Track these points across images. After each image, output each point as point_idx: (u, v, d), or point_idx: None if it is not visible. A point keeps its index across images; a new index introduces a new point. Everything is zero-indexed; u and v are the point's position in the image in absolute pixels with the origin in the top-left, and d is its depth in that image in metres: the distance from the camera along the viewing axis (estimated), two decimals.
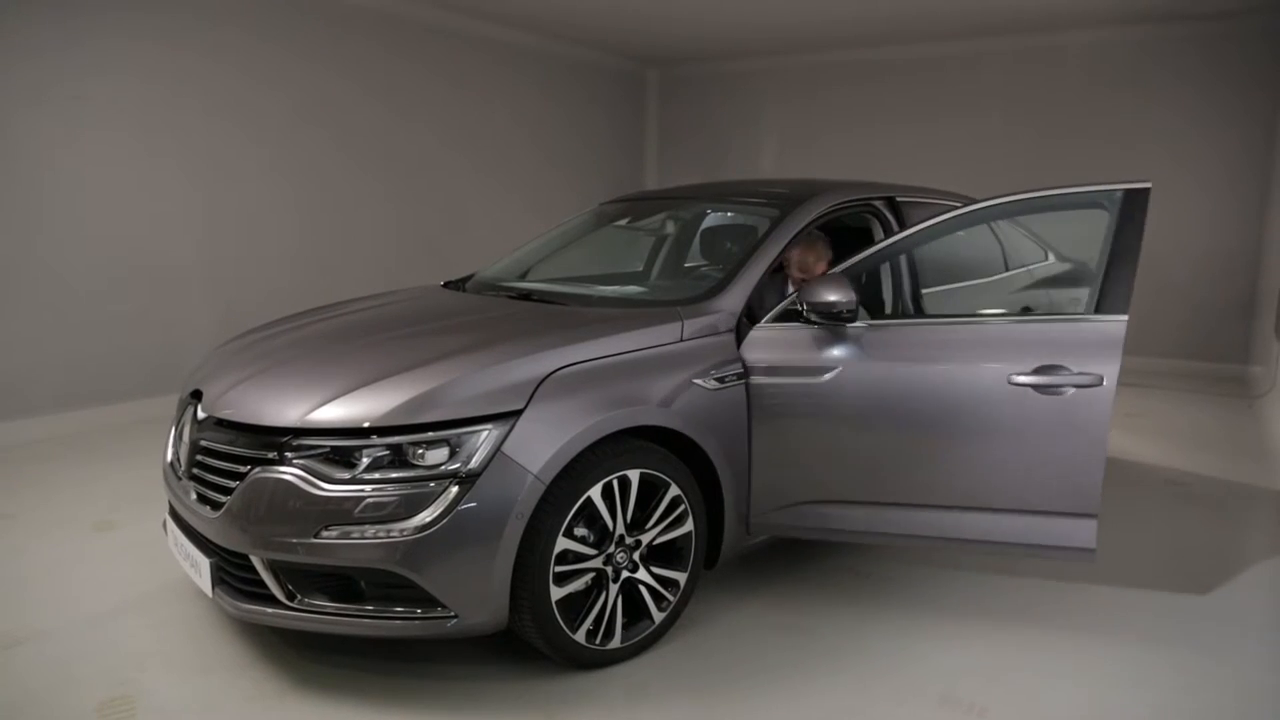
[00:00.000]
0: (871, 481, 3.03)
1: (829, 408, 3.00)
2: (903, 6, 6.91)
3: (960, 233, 4.12)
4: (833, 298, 2.90)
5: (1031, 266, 4.42)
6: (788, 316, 3.06)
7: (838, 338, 3.00)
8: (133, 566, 3.43)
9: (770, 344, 3.02)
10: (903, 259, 3.46)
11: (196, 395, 2.85)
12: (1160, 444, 5.35)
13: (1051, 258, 4.63)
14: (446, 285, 3.95)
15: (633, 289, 3.92)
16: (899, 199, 3.77)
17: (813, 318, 2.99)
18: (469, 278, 4.02)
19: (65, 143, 5.17)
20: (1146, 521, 4.07)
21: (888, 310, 3.45)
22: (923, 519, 3.00)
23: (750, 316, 3.11)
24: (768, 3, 6.91)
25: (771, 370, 2.99)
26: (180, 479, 2.79)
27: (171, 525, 2.91)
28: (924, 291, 3.59)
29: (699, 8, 7.09)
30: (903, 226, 3.69)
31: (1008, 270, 4.23)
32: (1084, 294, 2.94)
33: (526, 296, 3.46)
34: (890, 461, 3.00)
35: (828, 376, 2.98)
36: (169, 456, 2.98)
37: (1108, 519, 4.06)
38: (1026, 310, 4.09)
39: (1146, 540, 3.84)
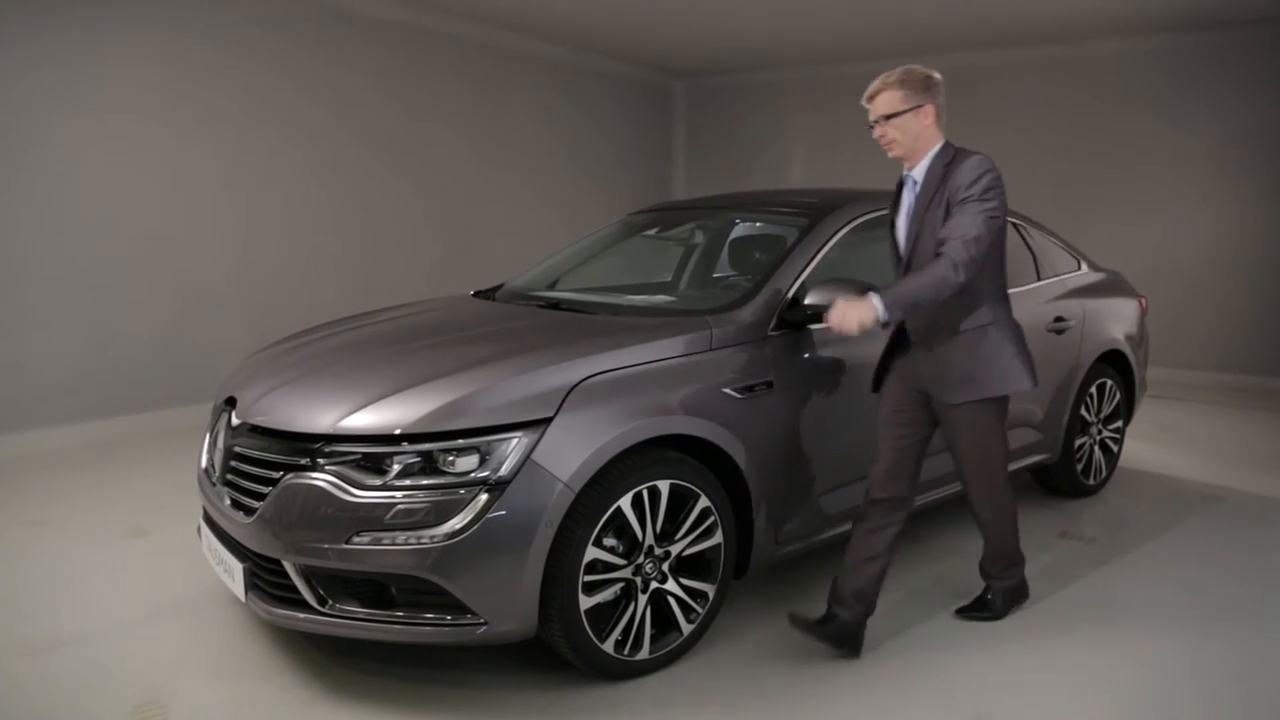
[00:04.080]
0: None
1: (836, 403, 3.14)
2: (931, 16, 6.88)
3: None
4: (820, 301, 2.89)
5: (1064, 275, 4.39)
6: (793, 323, 3.08)
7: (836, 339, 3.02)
8: (166, 572, 3.47)
9: (786, 350, 3.05)
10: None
11: (231, 402, 2.88)
12: (1194, 458, 5.26)
13: (1084, 267, 4.59)
14: (477, 294, 3.97)
15: (662, 298, 3.93)
16: None
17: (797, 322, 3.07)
18: (499, 287, 4.04)
19: (98, 150, 5.26)
20: (1183, 537, 4.00)
21: None
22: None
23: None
24: (793, 15, 6.91)
25: (789, 374, 3.02)
26: (214, 485, 2.82)
27: (205, 530, 2.94)
28: None
29: (725, 20, 7.10)
30: None
31: (1040, 279, 4.21)
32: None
33: (556, 306, 3.47)
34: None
35: (829, 375, 3.13)
36: (203, 462, 3.01)
37: (1141, 533, 4.01)
38: (1059, 320, 4.10)
39: (1184, 557, 3.77)
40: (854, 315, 2.55)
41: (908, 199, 2.90)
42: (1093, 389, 4.36)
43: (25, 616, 3.10)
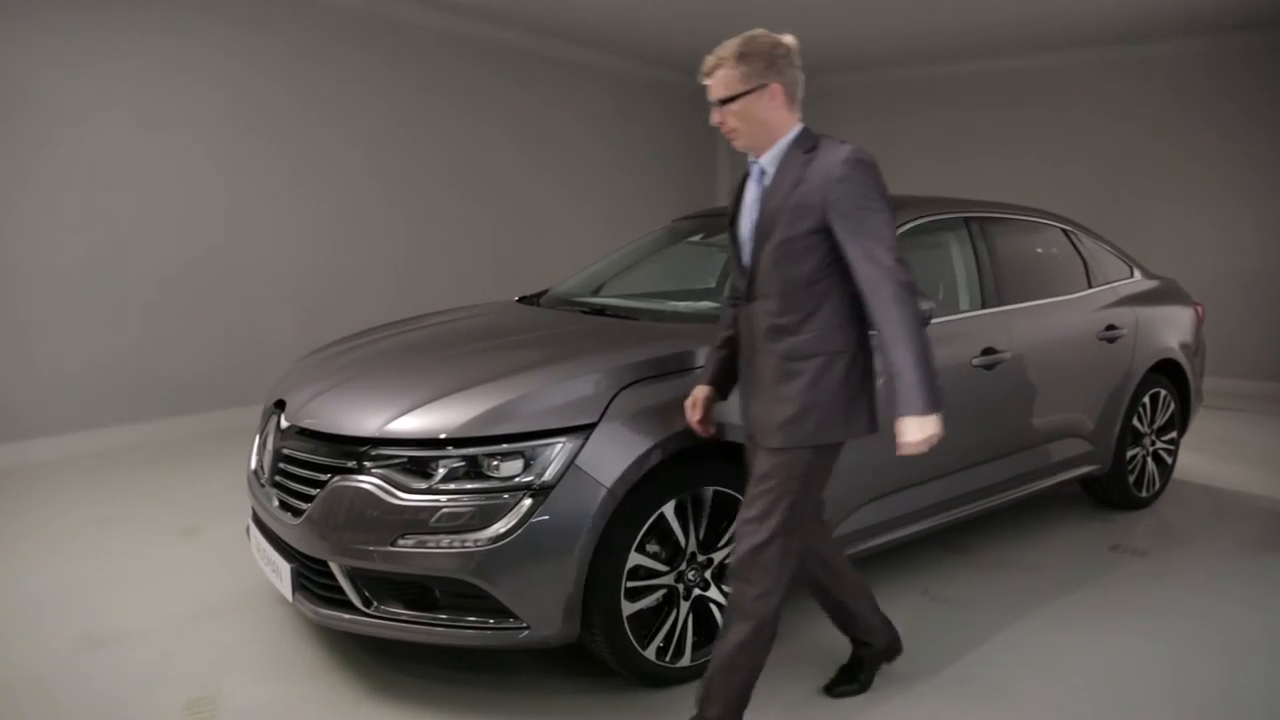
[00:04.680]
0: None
1: (879, 408, 3.06)
2: (979, 18, 6.80)
3: (1039, 249, 4.07)
4: None
5: (1116, 283, 4.31)
6: None
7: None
8: (216, 570, 3.54)
9: None
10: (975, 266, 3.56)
11: (280, 405, 2.93)
12: (1251, 470, 5.11)
13: (1137, 274, 4.50)
14: (521, 300, 4.00)
15: (706, 304, 3.91)
16: (980, 215, 3.70)
17: None
18: (543, 293, 4.06)
19: (154, 155, 5.38)
20: (1239, 552, 3.88)
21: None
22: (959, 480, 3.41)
23: None
24: (837, 20, 6.86)
25: None
26: (263, 486, 2.87)
27: (254, 531, 2.99)
28: (1005, 308, 3.56)
29: (768, 26, 7.07)
30: (984, 243, 3.64)
31: (1090, 287, 4.14)
32: None
33: (600, 311, 3.48)
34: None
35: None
36: (253, 464, 3.07)
37: (1195, 547, 3.91)
38: (1111, 328, 4.02)
39: (1239, 572, 3.66)
40: (925, 442, 2.06)
41: (753, 192, 2.39)
42: (1145, 399, 4.27)
43: (84, 612, 3.19)
